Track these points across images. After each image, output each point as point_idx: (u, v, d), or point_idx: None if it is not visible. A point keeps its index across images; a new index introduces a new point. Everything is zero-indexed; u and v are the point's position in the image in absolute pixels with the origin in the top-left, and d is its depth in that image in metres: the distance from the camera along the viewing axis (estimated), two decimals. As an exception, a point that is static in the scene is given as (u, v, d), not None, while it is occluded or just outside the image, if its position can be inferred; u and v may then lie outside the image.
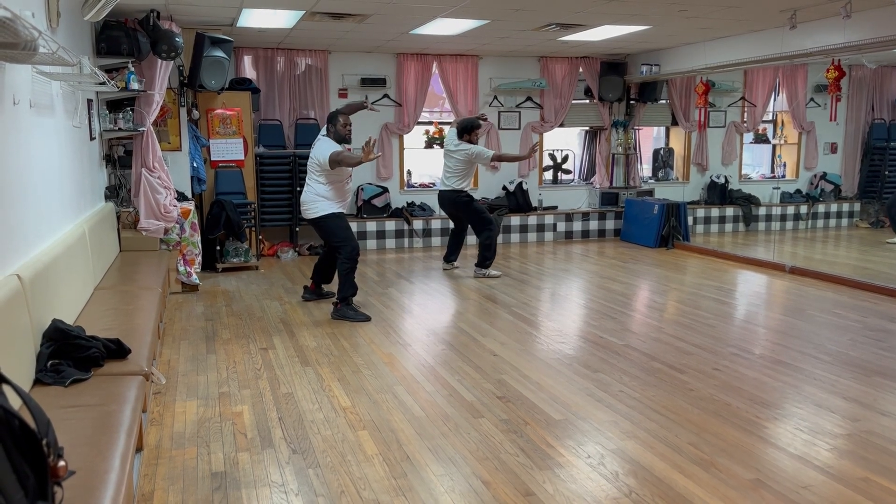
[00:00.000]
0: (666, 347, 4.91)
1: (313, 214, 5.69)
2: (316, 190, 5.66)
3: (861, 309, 5.97)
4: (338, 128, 5.67)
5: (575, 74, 9.81)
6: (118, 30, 5.79)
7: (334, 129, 5.67)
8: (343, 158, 5.47)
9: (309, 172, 5.71)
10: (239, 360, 4.63)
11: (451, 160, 7.19)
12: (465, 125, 7.22)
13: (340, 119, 5.69)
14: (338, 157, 5.46)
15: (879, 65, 10.43)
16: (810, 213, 10.90)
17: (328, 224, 5.70)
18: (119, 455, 2.31)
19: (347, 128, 5.72)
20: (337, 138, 5.65)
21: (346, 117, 5.74)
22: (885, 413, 3.70)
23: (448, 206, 7.40)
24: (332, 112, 5.82)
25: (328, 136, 5.69)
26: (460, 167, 7.16)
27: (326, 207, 5.65)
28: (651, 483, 2.93)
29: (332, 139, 5.64)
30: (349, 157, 5.48)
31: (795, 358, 4.63)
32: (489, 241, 7.18)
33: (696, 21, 7.14)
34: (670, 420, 3.59)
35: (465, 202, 7.26)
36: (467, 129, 7.19)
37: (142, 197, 6.21)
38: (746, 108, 10.51)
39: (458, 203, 7.26)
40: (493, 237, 7.19)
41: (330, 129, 5.70)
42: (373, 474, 3.03)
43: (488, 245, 7.20)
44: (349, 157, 5.49)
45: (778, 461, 3.15)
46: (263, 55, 8.63)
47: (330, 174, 5.58)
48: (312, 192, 5.67)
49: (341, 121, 5.69)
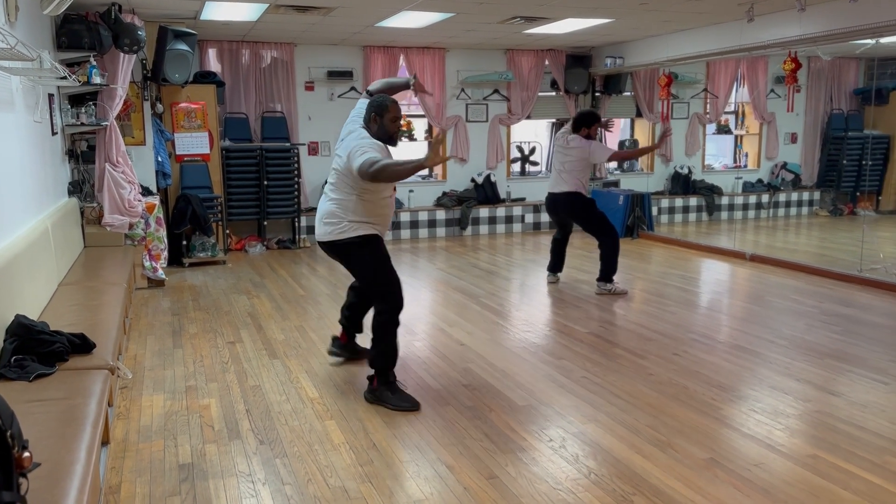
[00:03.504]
0: (628, 334, 5.03)
1: (336, 235, 3.77)
2: (341, 203, 3.75)
3: (818, 295, 6.16)
4: (384, 121, 3.74)
5: (541, 67, 9.90)
6: (79, 23, 5.72)
7: (379, 124, 3.74)
8: (383, 171, 3.42)
9: (334, 176, 3.82)
10: (206, 354, 4.64)
11: (565, 158, 6.18)
12: (583, 118, 6.22)
13: (391, 110, 3.74)
14: (378, 169, 3.41)
15: (835, 56, 10.68)
16: (771, 202, 11.15)
17: (360, 255, 3.80)
18: (85, 447, 2.33)
19: (397, 123, 3.80)
20: (380, 136, 3.72)
21: (398, 108, 3.79)
22: (835, 394, 3.84)
23: (562, 210, 6.42)
24: (377, 98, 3.80)
25: (366, 128, 3.76)
26: (578, 166, 6.14)
27: (357, 229, 3.74)
28: (610, 464, 3.03)
29: (375, 136, 3.72)
30: (397, 166, 3.46)
31: (753, 342, 4.77)
32: (612, 251, 6.21)
33: (657, 14, 7.26)
34: (630, 404, 3.70)
35: (584, 206, 6.25)
36: (586, 121, 6.17)
37: (106, 192, 6.16)
38: (709, 100, 10.70)
39: (575, 207, 6.26)
40: (615, 246, 6.22)
41: (373, 121, 3.75)
42: (339, 462, 3.08)
43: (611, 255, 6.22)
44: (397, 165, 3.46)
45: (732, 441, 3.27)
46: (228, 48, 8.57)
47: (367, 184, 3.64)
48: (340, 205, 3.76)
49: (391, 112, 3.75)
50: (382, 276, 3.80)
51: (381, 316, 3.79)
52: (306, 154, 9.09)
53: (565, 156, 6.18)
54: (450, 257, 8.16)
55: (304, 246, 8.85)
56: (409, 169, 3.45)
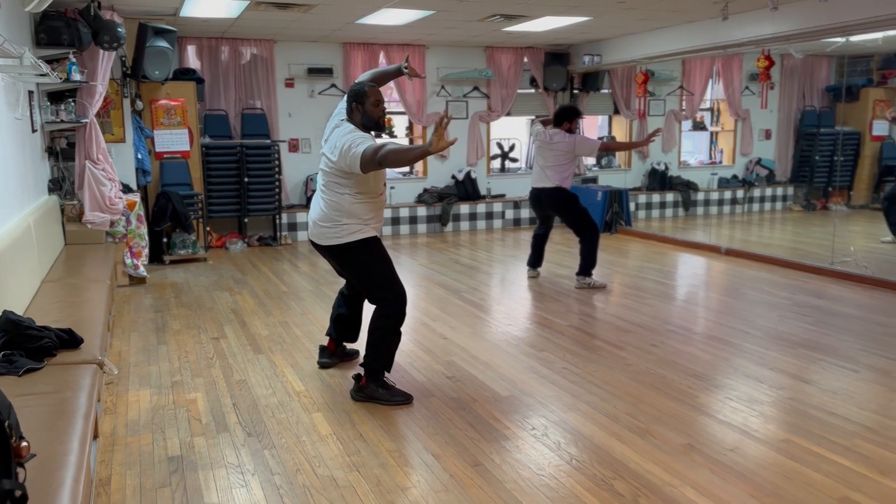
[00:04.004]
0: (607, 326, 5.14)
1: (334, 240, 3.70)
2: (338, 204, 3.66)
3: (791, 287, 6.31)
4: (367, 108, 3.65)
5: (520, 64, 9.99)
6: (58, 20, 5.70)
7: (362, 112, 3.66)
8: (390, 154, 3.32)
9: (323, 178, 3.74)
10: (190, 350, 4.66)
11: (549, 153, 6.22)
12: (564, 112, 6.28)
13: (370, 94, 3.65)
14: (378, 154, 3.33)
15: (807, 54, 10.90)
16: (746, 197, 11.35)
17: (360, 258, 3.72)
18: (77, 439, 2.37)
19: (381, 107, 3.70)
20: (366, 125, 3.66)
21: (377, 92, 3.69)
22: (807, 381, 3.97)
23: (545, 205, 6.43)
24: (354, 85, 3.75)
25: (350, 121, 3.69)
26: (563, 160, 6.19)
27: (354, 232, 3.66)
28: (591, 450, 3.12)
29: (360, 127, 3.65)
30: (402, 152, 3.42)
31: (728, 333, 4.90)
32: (592, 246, 6.32)
33: (634, 12, 7.37)
34: (609, 393, 3.79)
35: (568, 201, 6.31)
36: (567, 115, 6.24)
37: (86, 189, 6.14)
38: (685, 97, 10.86)
39: (559, 202, 6.30)
40: (596, 241, 6.34)
41: (355, 111, 3.68)
42: (327, 453, 3.14)
43: (591, 250, 6.32)
44: (399, 150, 3.40)
45: (708, 427, 3.38)
46: (207, 45, 8.55)
47: (360, 182, 3.59)
48: (333, 207, 3.67)
49: (371, 97, 3.66)
50: (383, 281, 3.70)
51: (382, 321, 3.70)
52: (287, 151, 9.09)
53: (549, 151, 6.21)
54: (431, 253, 8.23)
55: (285, 243, 8.86)
56: (416, 154, 3.46)
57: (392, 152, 3.33)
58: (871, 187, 11.38)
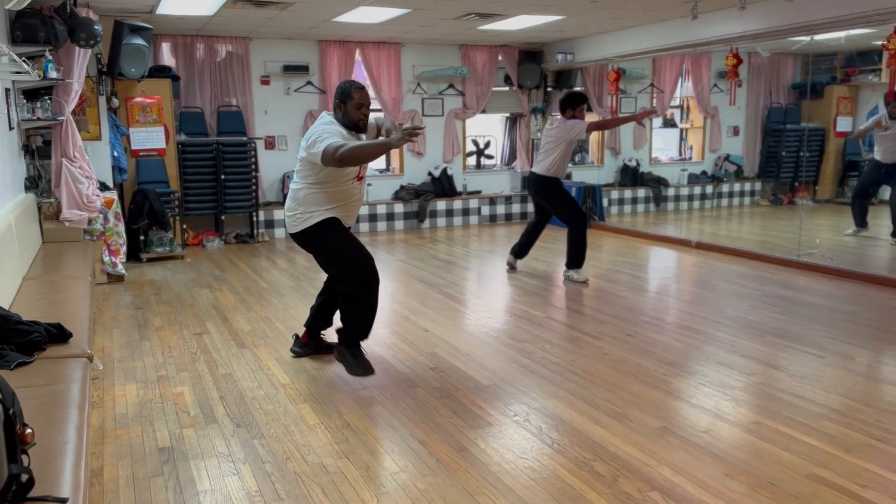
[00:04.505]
0: (584, 318, 5.27)
1: (295, 226, 3.91)
2: (298, 192, 3.88)
3: (759, 278, 6.51)
4: (348, 109, 3.78)
5: (494, 62, 10.11)
6: (34, 17, 5.66)
7: (343, 111, 3.80)
8: (350, 152, 3.47)
9: (297, 165, 3.93)
10: (174, 346, 4.69)
11: (544, 140, 6.29)
12: (567, 99, 6.22)
13: (354, 96, 3.78)
14: (344, 153, 3.47)
15: (773, 53, 11.17)
16: (715, 192, 11.60)
17: (316, 241, 3.90)
18: (74, 428, 2.42)
19: (362, 111, 3.81)
20: (345, 124, 3.81)
21: (363, 96, 3.81)
22: (776, 367, 4.14)
23: (532, 191, 6.53)
24: (342, 83, 3.86)
25: (334, 118, 3.85)
26: (551, 147, 6.17)
27: (311, 217, 3.84)
28: (571, 434, 3.24)
29: (340, 123, 3.81)
30: (363, 148, 3.55)
31: (700, 323, 5.06)
32: (578, 237, 6.27)
33: (606, 11, 7.52)
34: (587, 381, 3.92)
35: (551, 190, 6.30)
36: (570, 103, 6.17)
37: (63, 187, 6.12)
38: (655, 95, 11.06)
39: (544, 189, 6.31)
40: (581, 231, 6.27)
41: (338, 108, 3.82)
42: (316, 441, 3.21)
43: (576, 240, 6.29)
44: (363, 147, 3.56)
45: (682, 411, 3.52)
46: (182, 42, 8.53)
47: (322, 173, 3.75)
48: (294, 196, 3.91)
49: (355, 99, 3.78)
50: (334, 258, 3.91)
51: (342, 298, 3.92)
52: (263, 148, 9.10)
53: (545, 138, 6.27)
54: (409, 249, 8.31)
55: (262, 240, 8.88)
56: (378, 150, 3.58)
57: (353, 150, 3.49)
58: (835, 182, 11.70)
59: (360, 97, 3.79)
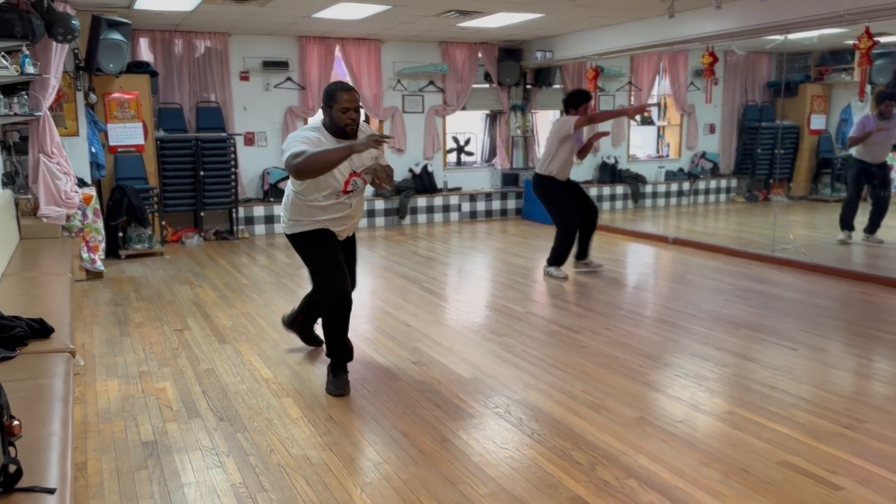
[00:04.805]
0: (563, 312, 5.35)
1: (283, 229, 3.90)
2: (287, 200, 3.79)
3: (734, 273, 6.63)
4: (333, 113, 3.52)
5: (474, 60, 10.16)
6: (11, 12, 5.59)
7: (329, 115, 3.56)
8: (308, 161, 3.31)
9: None
10: (155, 342, 4.70)
11: (548, 139, 6.30)
12: (570, 98, 6.21)
13: (338, 100, 3.50)
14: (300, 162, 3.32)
15: (748, 51, 11.34)
16: (692, 189, 11.76)
17: (299, 249, 3.86)
18: (59, 420, 2.44)
19: (348, 115, 3.51)
20: (333, 129, 3.57)
21: (348, 100, 3.51)
22: (749, 359, 4.23)
23: (533, 190, 6.56)
24: (330, 84, 3.66)
25: (322, 123, 3.64)
26: (547, 145, 6.21)
27: (293, 226, 3.77)
28: (551, 425, 3.31)
29: (328, 129, 3.58)
30: (321, 155, 3.33)
31: (676, 317, 5.16)
32: (563, 241, 6.35)
33: (584, 10, 7.60)
34: (566, 373, 3.99)
35: (546, 189, 6.32)
36: (573, 102, 6.15)
37: (41, 183, 6.07)
38: (633, 93, 11.19)
39: (539, 188, 6.36)
40: (567, 237, 6.33)
41: (324, 111, 3.60)
42: (299, 434, 3.25)
43: (561, 243, 6.35)
44: (318, 154, 3.33)
45: (658, 401, 3.60)
46: (161, 38, 8.48)
47: (301, 185, 3.59)
48: (284, 200, 3.85)
49: (339, 103, 3.50)
50: (316, 271, 3.80)
51: (325, 312, 3.80)
52: (242, 144, 9.08)
53: (547, 137, 6.31)
54: (390, 245, 8.35)
55: (242, 237, 8.86)
56: (337, 155, 3.33)
57: (308, 158, 3.30)
58: (809, 179, 11.92)
59: (347, 100, 3.50)
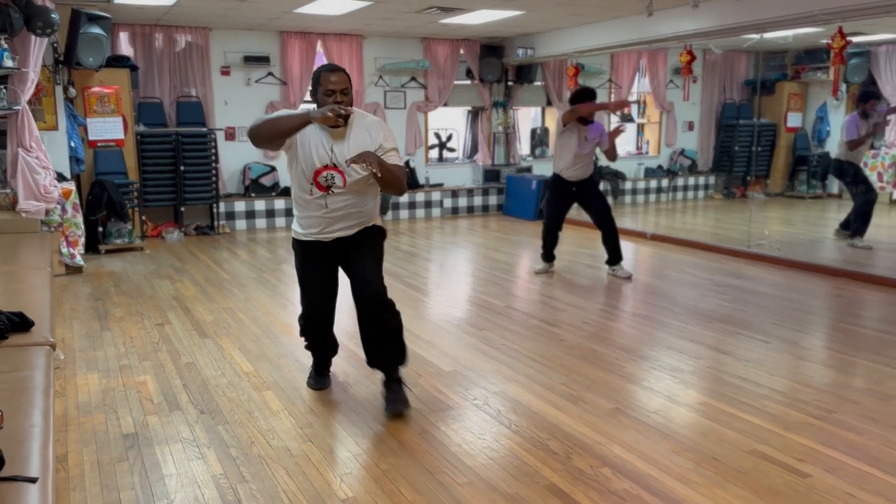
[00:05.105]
0: (543, 307, 5.42)
1: None
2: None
3: (710, 269, 6.74)
4: (319, 96, 3.25)
5: (456, 56, 10.20)
6: (-12, 4, 5.58)
7: (315, 99, 3.30)
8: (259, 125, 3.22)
9: None
10: (135, 336, 4.70)
11: None
12: (573, 95, 6.28)
13: (322, 81, 3.23)
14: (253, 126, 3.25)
15: (726, 50, 11.48)
16: (670, 186, 11.89)
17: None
18: (40, 412, 2.45)
19: (336, 98, 3.20)
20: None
21: (333, 81, 3.22)
22: (723, 352, 4.33)
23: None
24: (320, 67, 3.36)
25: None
26: (556, 144, 6.28)
27: (294, 226, 3.65)
28: (528, 416, 3.37)
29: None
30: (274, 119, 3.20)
31: (653, 311, 5.25)
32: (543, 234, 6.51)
33: (565, 8, 7.67)
34: (544, 366, 4.06)
35: (549, 186, 6.56)
36: (576, 99, 6.19)
37: (20, 177, 6.03)
38: (613, 90, 11.28)
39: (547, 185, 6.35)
40: (547, 232, 6.47)
41: (312, 94, 3.37)
42: (280, 426, 3.28)
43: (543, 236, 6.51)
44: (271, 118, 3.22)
45: (634, 393, 3.68)
46: (141, 32, 8.44)
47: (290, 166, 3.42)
48: None
49: (323, 85, 3.23)
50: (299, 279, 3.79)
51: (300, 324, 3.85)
52: (223, 139, 9.05)
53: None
54: (371, 241, 8.35)
55: (223, 232, 8.85)
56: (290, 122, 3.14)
57: (263, 121, 3.19)
58: (786, 176, 12.11)
59: (333, 82, 3.20)
